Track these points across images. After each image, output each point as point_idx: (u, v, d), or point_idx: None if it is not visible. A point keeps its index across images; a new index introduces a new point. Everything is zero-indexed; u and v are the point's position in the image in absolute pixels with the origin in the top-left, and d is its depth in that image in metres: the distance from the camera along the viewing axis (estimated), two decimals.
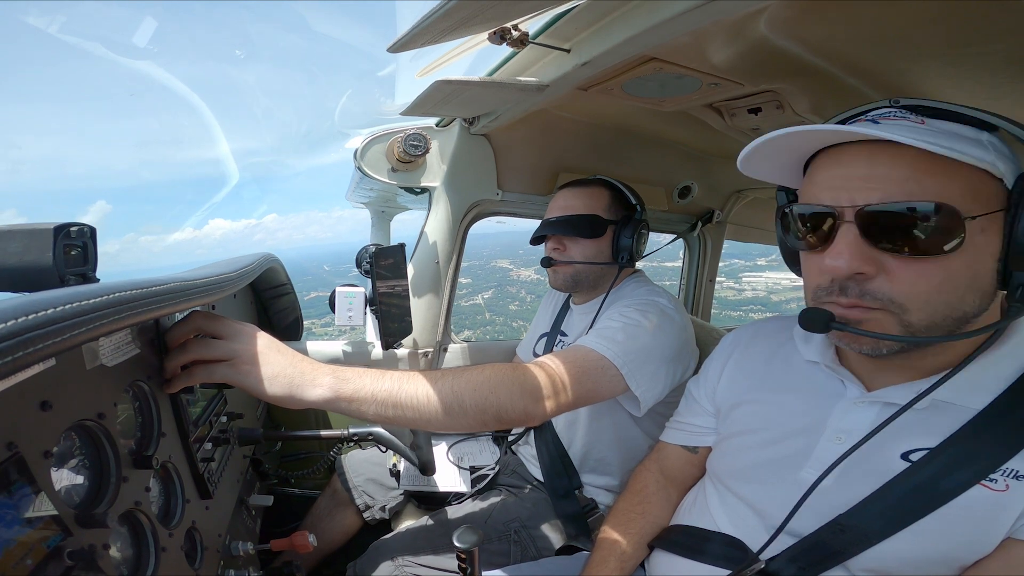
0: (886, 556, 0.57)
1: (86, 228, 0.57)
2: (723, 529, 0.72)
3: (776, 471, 0.67)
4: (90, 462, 0.50)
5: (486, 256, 27.80)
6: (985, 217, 0.49)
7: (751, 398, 0.75)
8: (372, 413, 0.71)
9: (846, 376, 0.64)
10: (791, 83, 0.95)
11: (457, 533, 0.66)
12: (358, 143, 1.34)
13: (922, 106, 0.53)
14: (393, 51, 0.74)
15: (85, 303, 0.39)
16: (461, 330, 29.22)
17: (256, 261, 0.94)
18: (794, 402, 0.69)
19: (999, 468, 0.52)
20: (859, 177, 0.51)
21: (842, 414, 0.63)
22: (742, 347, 0.81)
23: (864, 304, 0.52)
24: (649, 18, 0.68)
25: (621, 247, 1.15)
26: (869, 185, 0.51)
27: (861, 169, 0.51)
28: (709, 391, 0.83)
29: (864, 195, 0.51)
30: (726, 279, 26.78)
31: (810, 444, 0.64)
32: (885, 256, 0.51)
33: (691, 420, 0.85)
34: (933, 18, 0.65)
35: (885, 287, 0.51)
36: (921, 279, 0.50)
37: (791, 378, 0.71)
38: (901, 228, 0.49)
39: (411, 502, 1.32)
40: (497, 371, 0.80)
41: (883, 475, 0.58)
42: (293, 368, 0.67)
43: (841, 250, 0.52)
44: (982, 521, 0.53)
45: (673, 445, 0.88)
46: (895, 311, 0.51)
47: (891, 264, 0.51)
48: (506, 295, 31.29)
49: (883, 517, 0.57)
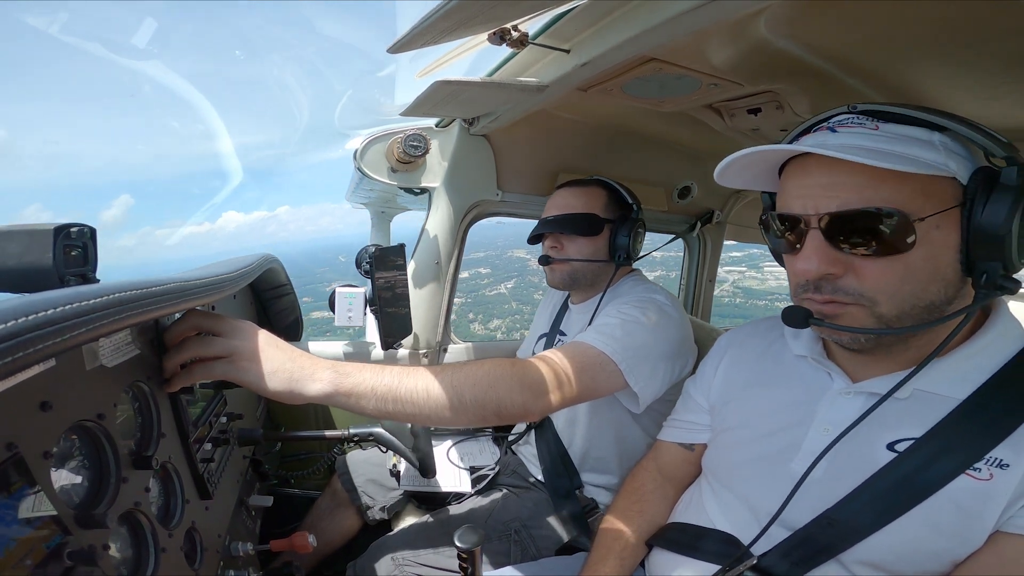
0: (878, 550, 0.58)
1: (86, 229, 0.57)
2: (718, 525, 0.73)
3: (768, 465, 0.68)
4: (90, 462, 0.50)
5: (501, 246, 27.74)
6: (939, 215, 0.53)
7: (743, 394, 0.76)
8: (372, 408, 0.71)
9: (832, 369, 0.67)
10: (791, 83, 0.95)
11: (458, 533, 0.66)
12: (358, 143, 1.34)
13: (878, 111, 0.57)
14: (393, 52, 0.74)
15: (85, 303, 0.39)
16: (490, 319, 28.90)
17: (256, 262, 0.94)
18: (784, 396, 0.71)
19: (983, 457, 0.54)
20: (820, 186, 0.56)
21: (829, 406, 0.65)
22: (736, 345, 0.83)
23: (838, 300, 0.56)
24: (649, 18, 0.68)
25: (618, 245, 1.15)
26: (828, 194, 0.55)
27: (822, 179, 0.56)
28: (705, 389, 0.84)
29: (825, 203, 0.55)
30: (747, 269, 26.73)
31: (799, 436, 0.66)
32: (850, 256, 0.55)
33: (687, 418, 0.87)
34: (933, 18, 0.66)
35: (854, 284, 0.55)
36: (885, 275, 0.54)
37: (781, 373, 0.73)
38: (860, 231, 0.54)
39: (411, 502, 1.32)
40: (497, 366, 0.80)
41: (870, 466, 0.59)
42: (292, 363, 0.67)
43: (809, 255, 0.56)
44: (969, 512, 0.54)
45: (670, 443, 0.89)
46: (866, 304, 0.55)
47: (857, 263, 0.55)
48: (529, 284, 31.14)
49: (872, 509, 0.58)
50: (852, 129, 0.56)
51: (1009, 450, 0.53)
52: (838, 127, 0.58)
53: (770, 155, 0.60)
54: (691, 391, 0.88)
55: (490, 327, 28.63)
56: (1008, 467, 0.53)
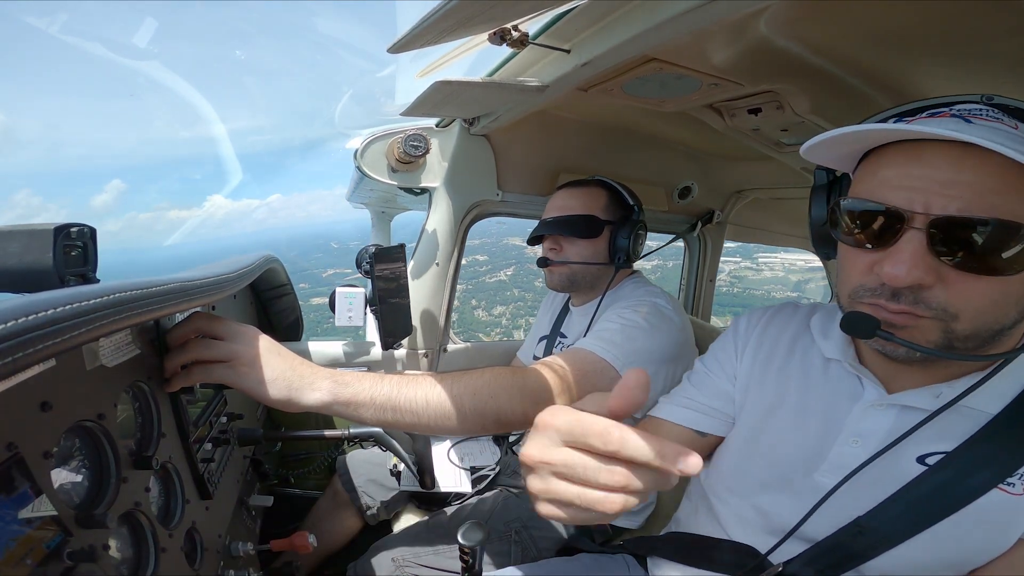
0: (902, 560, 0.56)
1: (86, 228, 0.58)
2: (731, 534, 0.70)
3: (790, 474, 0.64)
4: (90, 462, 0.50)
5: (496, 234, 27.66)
6: None
7: (771, 394, 0.70)
8: (370, 417, 0.71)
9: (866, 376, 0.62)
10: (791, 83, 0.95)
11: (462, 530, 0.65)
12: (358, 143, 1.34)
13: (1017, 108, 0.49)
14: (393, 52, 0.74)
15: (85, 304, 0.39)
16: (494, 306, 28.74)
17: (256, 262, 0.94)
18: (811, 402, 0.66)
19: (1016, 472, 0.52)
20: (938, 181, 0.46)
21: (860, 416, 0.61)
22: (758, 332, 0.74)
23: (915, 312, 0.49)
24: (649, 18, 0.68)
25: (618, 247, 1.14)
26: (950, 192, 0.46)
27: (944, 173, 0.46)
28: (730, 371, 0.74)
29: (943, 202, 0.46)
30: (742, 259, 26.83)
31: (825, 446, 0.62)
32: (946, 267, 0.47)
33: (707, 401, 0.74)
34: (933, 18, 0.65)
35: (942, 297, 0.48)
36: (978, 294, 0.47)
37: (810, 375, 0.67)
38: (973, 243, 0.45)
39: (412, 502, 1.32)
40: (496, 375, 0.79)
41: (898, 478, 0.57)
42: (292, 371, 0.67)
43: (905, 259, 0.47)
44: (997, 525, 0.53)
45: (676, 425, 0.74)
46: (945, 319, 0.48)
47: (951, 275, 0.47)
48: (528, 272, 31.01)
49: (902, 520, 0.56)
50: (989, 123, 0.48)
51: None
52: (972, 117, 0.48)
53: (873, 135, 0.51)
54: (712, 370, 0.76)
55: (494, 313, 28.55)
56: None
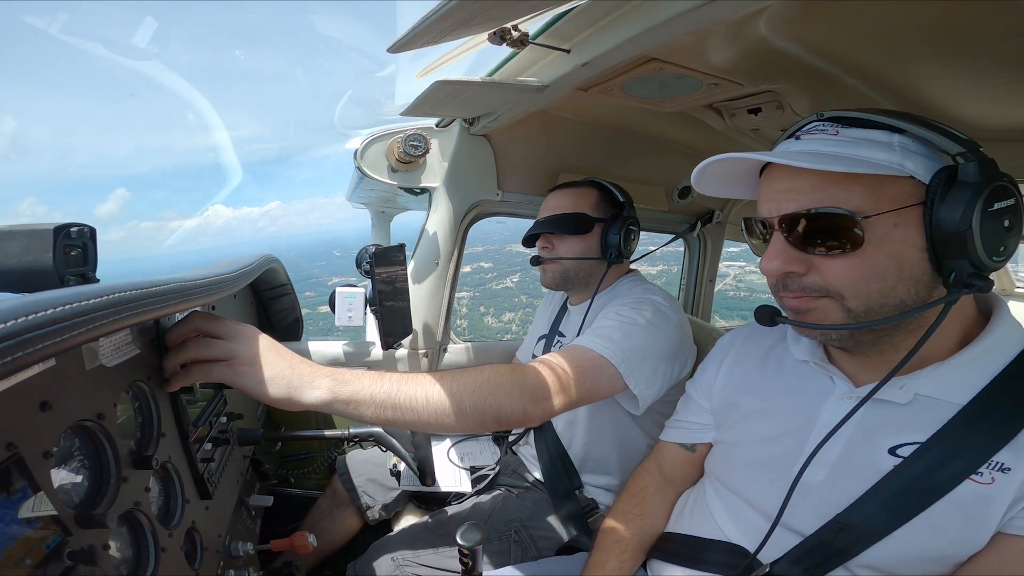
0: (885, 554, 0.58)
1: (86, 228, 0.58)
2: (724, 528, 0.73)
3: (773, 468, 0.69)
4: (90, 462, 0.50)
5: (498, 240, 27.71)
6: (894, 213, 0.53)
7: (748, 400, 0.76)
8: (370, 415, 0.71)
9: (835, 373, 0.67)
10: (791, 83, 0.95)
11: (461, 531, 0.66)
12: (358, 143, 1.34)
13: (842, 117, 0.59)
14: (393, 51, 0.74)
15: (85, 303, 0.39)
16: (503, 313, 28.74)
17: (256, 262, 0.94)
18: (787, 402, 0.71)
19: (986, 462, 0.54)
20: (780, 191, 0.59)
21: (831, 410, 0.66)
22: (738, 347, 0.83)
23: (807, 295, 0.59)
24: (649, 18, 0.68)
25: (609, 243, 1.16)
26: (787, 196, 0.58)
27: (782, 184, 0.59)
28: (706, 390, 0.84)
29: (784, 206, 0.58)
30: (746, 263, 27.02)
31: (802, 441, 0.66)
32: (811, 256, 0.57)
33: (688, 418, 0.87)
34: (933, 18, 0.65)
35: (818, 280, 0.58)
36: (845, 271, 0.56)
37: (784, 378, 0.74)
38: (813, 231, 0.56)
39: (411, 502, 1.32)
40: (496, 372, 0.80)
41: (874, 471, 0.60)
42: (291, 370, 0.67)
43: (773, 254, 0.59)
44: (972, 516, 0.55)
45: (671, 444, 0.89)
46: (836, 297, 0.57)
47: (817, 261, 0.57)
48: (534, 279, 31.01)
49: (882, 514, 0.58)
50: (814, 136, 0.59)
51: (1011, 454, 0.54)
52: (802, 134, 0.60)
53: (745, 163, 0.62)
54: (692, 392, 0.88)
55: (503, 320, 28.57)
56: (1009, 471, 0.53)
